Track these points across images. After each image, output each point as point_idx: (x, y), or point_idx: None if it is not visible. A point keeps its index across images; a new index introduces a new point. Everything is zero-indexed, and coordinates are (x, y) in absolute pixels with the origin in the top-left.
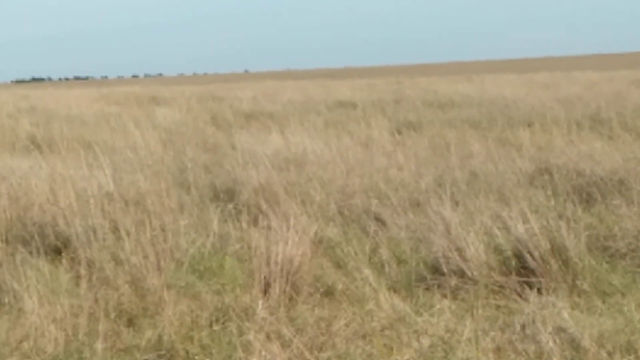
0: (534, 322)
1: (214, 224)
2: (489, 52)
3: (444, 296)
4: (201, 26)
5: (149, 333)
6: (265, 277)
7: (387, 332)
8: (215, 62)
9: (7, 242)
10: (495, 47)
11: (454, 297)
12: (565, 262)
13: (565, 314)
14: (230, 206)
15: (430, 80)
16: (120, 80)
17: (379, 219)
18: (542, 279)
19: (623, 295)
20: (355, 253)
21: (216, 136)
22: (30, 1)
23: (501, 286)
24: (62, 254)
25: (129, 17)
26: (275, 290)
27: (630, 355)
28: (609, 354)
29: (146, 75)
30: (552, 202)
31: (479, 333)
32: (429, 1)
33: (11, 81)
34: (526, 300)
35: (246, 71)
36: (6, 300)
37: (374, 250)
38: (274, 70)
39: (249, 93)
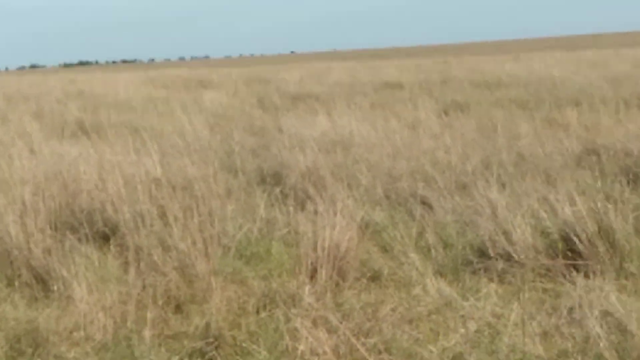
0: (580, 306)
1: (261, 209)
2: (537, 30)
3: (491, 280)
4: (247, 8)
5: (196, 320)
6: (312, 263)
7: (433, 317)
8: (262, 44)
9: (55, 229)
10: (543, 25)
11: (501, 281)
12: (613, 245)
13: (613, 298)
14: (278, 190)
15: (478, 60)
16: (167, 62)
17: (425, 202)
18: (589, 262)
19: None
20: (402, 237)
21: (263, 119)
22: None
23: (548, 269)
24: (110, 240)
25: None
26: (322, 275)
27: None
28: None
29: (193, 58)
30: (600, 184)
31: (526, 317)
32: None
33: (59, 64)
34: (573, 283)
35: (292, 52)
36: (55, 287)
37: (421, 234)
38: (320, 50)
39: (295, 75)
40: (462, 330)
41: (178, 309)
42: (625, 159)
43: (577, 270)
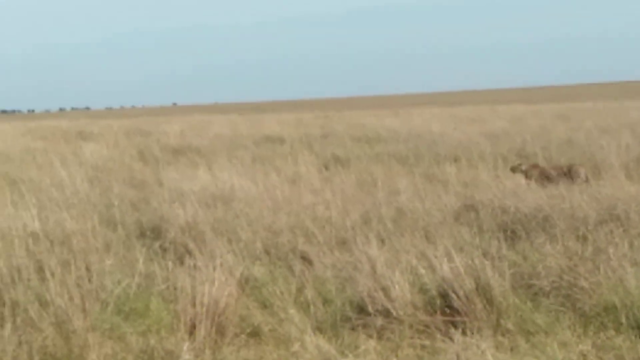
0: None
1: (140, 264)
2: (415, 86)
3: (370, 336)
4: (128, 58)
5: None
6: (190, 319)
7: None
8: (143, 95)
9: None
10: (421, 81)
11: (380, 337)
12: (490, 301)
13: (489, 355)
14: (157, 245)
15: (358, 114)
16: (47, 113)
17: (305, 258)
18: (466, 319)
19: (546, 334)
20: (281, 293)
21: (143, 172)
22: None
23: (426, 326)
24: None
25: (51, 50)
26: (201, 331)
27: None
28: None
29: (73, 109)
30: (477, 240)
31: None
32: (356, 36)
33: None
34: (451, 340)
35: (174, 104)
36: None
37: (300, 290)
38: (202, 103)
39: (176, 127)
40: None
41: None
42: (502, 215)
43: (455, 327)
